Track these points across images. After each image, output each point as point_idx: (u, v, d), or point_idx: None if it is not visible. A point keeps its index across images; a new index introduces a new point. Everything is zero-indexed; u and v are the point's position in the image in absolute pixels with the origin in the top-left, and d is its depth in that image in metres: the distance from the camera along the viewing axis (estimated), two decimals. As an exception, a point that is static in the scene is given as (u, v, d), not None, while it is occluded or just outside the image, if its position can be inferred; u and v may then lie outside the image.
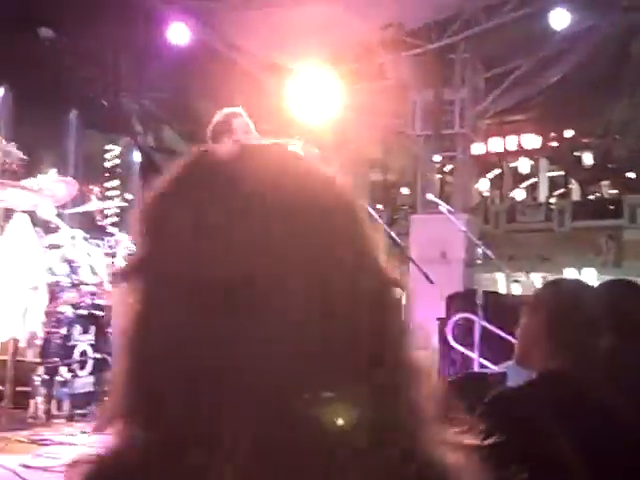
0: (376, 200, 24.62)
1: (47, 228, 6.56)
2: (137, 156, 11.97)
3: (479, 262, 6.72)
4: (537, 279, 18.79)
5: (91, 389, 6.03)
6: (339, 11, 8.46)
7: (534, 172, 24.21)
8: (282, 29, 8.73)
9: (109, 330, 6.37)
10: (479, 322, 7.81)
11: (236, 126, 4.74)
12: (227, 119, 4.77)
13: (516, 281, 18.66)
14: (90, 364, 6.05)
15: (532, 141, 20.85)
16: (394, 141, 16.36)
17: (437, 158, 12.35)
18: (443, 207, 6.79)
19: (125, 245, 6.66)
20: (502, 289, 16.82)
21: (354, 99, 9.82)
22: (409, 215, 14.20)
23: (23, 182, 5.72)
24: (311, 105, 9.86)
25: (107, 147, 18.31)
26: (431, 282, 5.07)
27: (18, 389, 5.57)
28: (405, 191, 23.82)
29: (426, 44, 10.07)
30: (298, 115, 10.08)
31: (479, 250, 6.66)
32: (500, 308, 7.02)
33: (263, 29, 8.88)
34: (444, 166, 13.00)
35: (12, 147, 4.64)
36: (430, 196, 7.54)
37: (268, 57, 9.83)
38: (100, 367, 6.12)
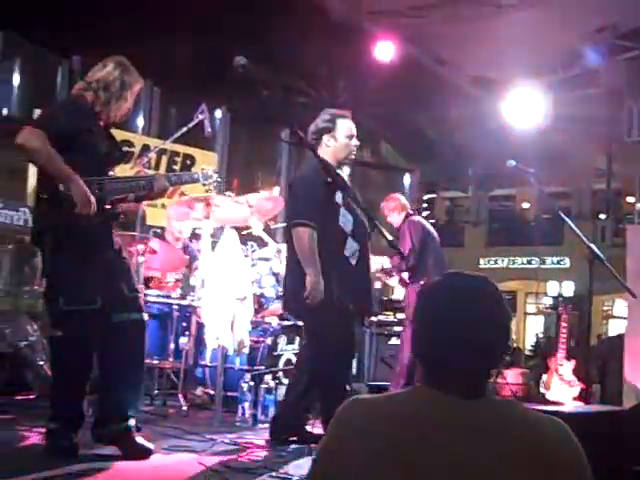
0: (600, 210, 23.61)
1: (259, 242, 6.93)
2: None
3: None
4: None
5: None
6: (547, 19, 8.25)
7: None
8: (488, 41, 8.65)
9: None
10: None
11: (339, 127, 4.79)
12: (332, 118, 4.82)
13: None
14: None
15: None
16: (617, 149, 15.64)
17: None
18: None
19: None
20: None
21: (565, 108, 9.52)
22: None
23: (236, 199, 6.10)
24: (521, 116, 9.68)
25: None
26: (634, 296, 4.84)
27: (228, 394, 5.94)
28: (631, 199, 22.66)
29: (643, 46, 9.56)
30: (510, 126, 9.92)
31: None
32: None
33: (469, 42, 8.84)
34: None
35: (211, 171, 4.95)
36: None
37: (474, 70, 9.76)
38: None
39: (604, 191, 22.60)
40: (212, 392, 6.14)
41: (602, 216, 23.15)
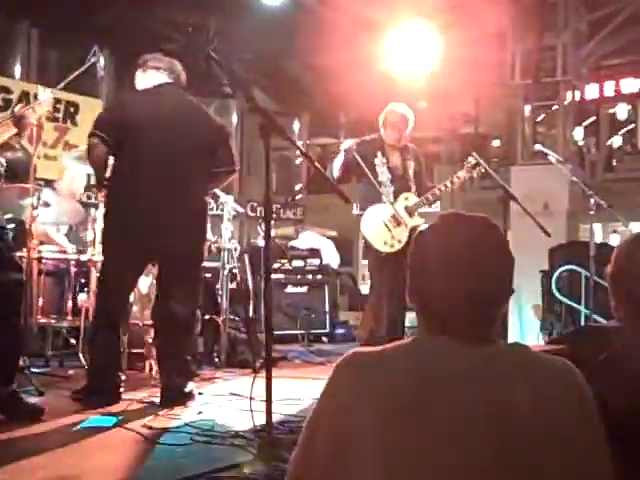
0: (468, 153, 24.16)
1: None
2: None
3: (592, 213, 6.46)
4: (638, 229, 18.16)
5: (201, 350, 6.10)
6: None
7: (632, 118, 23.24)
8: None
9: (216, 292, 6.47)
10: (585, 274, 7.60)
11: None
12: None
13: (615, 231, 18.16)
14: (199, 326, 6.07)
15: (631, 85, 19.93)
16: (487, 93, 15.91)
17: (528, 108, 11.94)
18: (553, 157, 6.56)
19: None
20: (599, 240, 16.40)
21: (451, 51, 9.54)
22: (500, 167, 13.94)
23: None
24: (406, 59, 9.65)
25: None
26: (548, 235, 4.90)
27: (132, 350, 5.69)
28: (496, 143, 23.29)
29: (528, -11, 9.68)
30: (392, 69, 9.87)
31: (592, 200, 6.44)
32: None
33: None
34: (536, 116, 12.55)
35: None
36: (539, 146, 7.24)
37: (361, 13, 9.61)
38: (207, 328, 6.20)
39: (471, 135, 23.10)
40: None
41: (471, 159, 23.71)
